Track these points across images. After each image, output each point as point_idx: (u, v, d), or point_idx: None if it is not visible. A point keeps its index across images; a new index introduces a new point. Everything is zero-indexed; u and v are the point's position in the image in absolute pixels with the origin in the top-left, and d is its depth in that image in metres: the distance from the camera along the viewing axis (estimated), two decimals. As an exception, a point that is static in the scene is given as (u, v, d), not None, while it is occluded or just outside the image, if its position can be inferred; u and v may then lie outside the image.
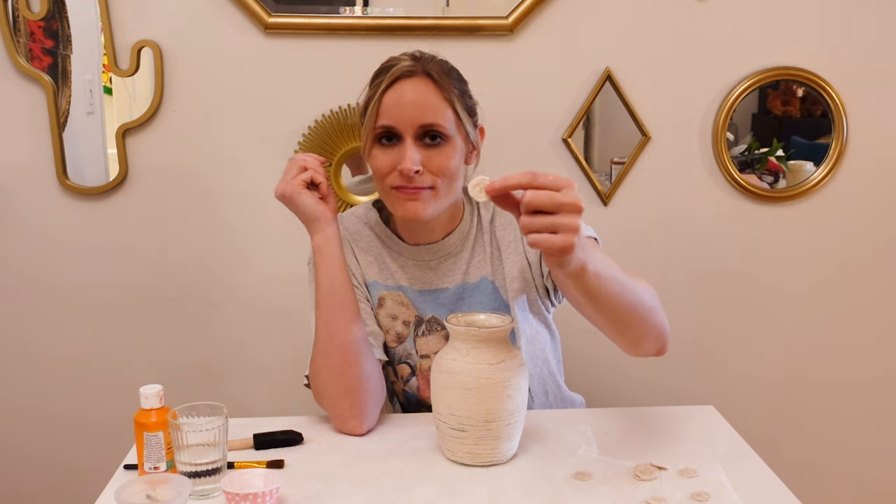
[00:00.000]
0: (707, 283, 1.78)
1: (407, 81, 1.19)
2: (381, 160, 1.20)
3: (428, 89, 1.20)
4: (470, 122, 1.25)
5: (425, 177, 1.19)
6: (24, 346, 1.73)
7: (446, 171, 1.20)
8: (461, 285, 1.30)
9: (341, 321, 1.20)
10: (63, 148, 1.64)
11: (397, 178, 1.19)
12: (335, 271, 1.21)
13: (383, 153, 1.20)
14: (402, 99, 1.18)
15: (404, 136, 1.19)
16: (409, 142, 1.18)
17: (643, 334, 1.14)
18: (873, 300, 1.80)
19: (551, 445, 1.18)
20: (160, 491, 0.94)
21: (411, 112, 1.18)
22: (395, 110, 1.18)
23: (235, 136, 1.67)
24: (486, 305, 1.28)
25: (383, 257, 1.32)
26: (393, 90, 1.19)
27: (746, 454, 1.17)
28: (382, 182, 1.22)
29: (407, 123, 1.18)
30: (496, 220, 1.31)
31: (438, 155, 1.20)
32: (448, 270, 1.30)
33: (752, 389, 1.82)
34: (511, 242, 1.29)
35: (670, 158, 1.72)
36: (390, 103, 1.19)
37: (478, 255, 1.30)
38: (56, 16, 1.62)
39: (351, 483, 1.07)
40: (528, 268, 1.29)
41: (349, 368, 1.20)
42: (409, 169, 1.17)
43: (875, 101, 1.71)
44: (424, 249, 1.30)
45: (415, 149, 1.18)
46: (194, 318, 1.74)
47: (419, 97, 1.19)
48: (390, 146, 1.20)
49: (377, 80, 1.21)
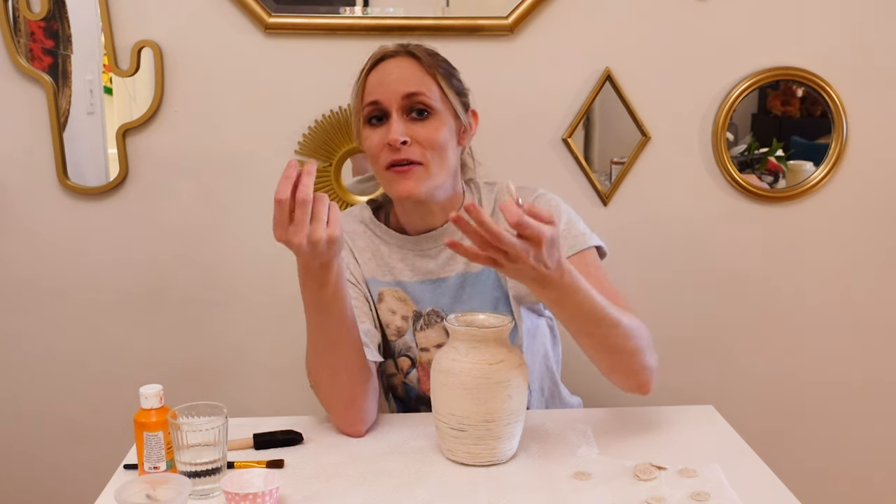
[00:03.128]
0: (707, 282, 1.78)
1: (391, 61, 1.24)
2: (372, 139, 1.23)
3: (411, 65, 1.24)
4: (458, 100, 1.26)
5: (413, 148, 1.20)
6: (23, 346, 1.73)
7: (434, 144, 1.21)
8: (463, 274, 1.30)
9: (349, 342, 1.18)
10: (63, 148, 1.64)
11: (388, 153, 1.21)
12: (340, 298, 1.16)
13: (373, 132, 1.23)
14: (386, 76, 1.22)
15: (390, 110, 1.21)
16: (395, 116, 1.21)
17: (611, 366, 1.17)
18: (873, 300, 1.80)
19: (551, 445, 1.18)
20: (160, 491, 0.94)
21: (394, 84, 1.21)
22: (379, 87, 1.22)
23: (235, 136, 1.67)
24: (488, 295, 1.29)
25: (381, 253, 1.32)
26: (377, 70, 1.24)
27: (746, 454, 1.17)
28: (377, 163, 1.24)
29: (391, 97, 1.21)
30: (497, 210, 1.31)
31: (425, 127, 1.21)
32: (449, 259, 1.31)
33: (752, 389, 1.82)
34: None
35: (670, 158, 1.72)
36: (375, 82, 1.23)
37: None
38: (56, 16, 1.62)
39: (351, 483, 1.08)
40: None
41: (353, 381, 1.19)
42: (396, 140, 1.19)
43: (875, 101, 1.71)
44: (424, 238, 1.30)
45: (400, 122, 1.21)
46: (194, 317, 1.74)
47: (402, 72, 1.23)
48: (379, 125, 1.23)
49: (364, 68, 1.25)
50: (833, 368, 1.83)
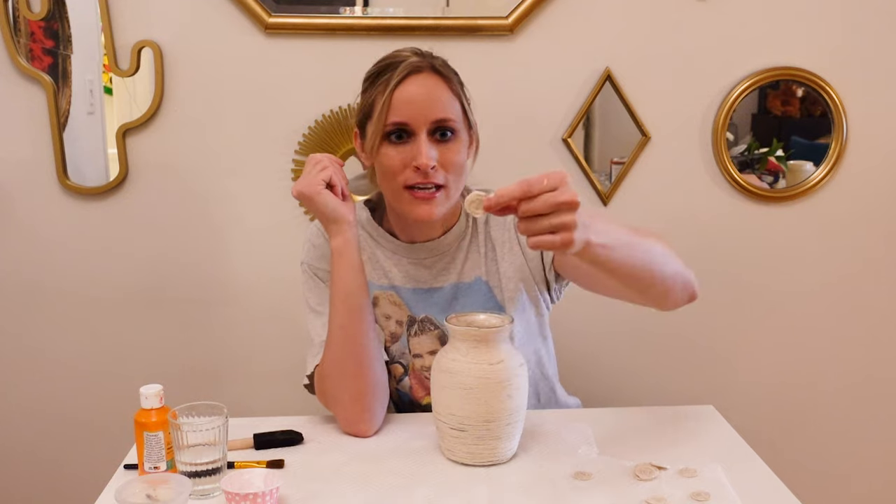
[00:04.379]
0: (707, 282, 1.77)
1: (417, 77, 1.19)
2: (394, 158, 1.19)
3: (437, 84, 1.20)
4: (471, 115, 1.25)
5: (438, 172, 1.19)
6: (23, 346, 1.73)
7: (455, 167, 1.20)
8: (455, 284, 1.29)
9: (357, 325, 1.19)
10: (63, 148, 1.64)
11: (412, 175, 1.18)
12: (354, 274, 1.20)
13: (395, 151, 1.19)
14: (415, 95, 1.18)
15: (417, 132, 1.18)
16: (424, 137, 1.18)
17: (667, 287, 1.16)
18: (873, 300, 1.80)
19: (551, 445, 1.18)
20: (160, 491, 0.94)
21: (424, 108, 1.18)
22: (408, 107, 1.18)
23: (235, 136, 1.67)
24: (480, 306, 1.27)
25: (376, 256, 1.31)
26: (403, 86, 1.18)
27: (746, 454, 1.17)
28: (393, 181, 1.20)
29: (420, 119, 1.18)
30: (490, 219, 1.30)
31: (449, 150, 1.20)
32: (443, 269, 1.30)
33: (752, 389, 1.82)
34: (506, 242, 1.29)
35: (670, 158, 1.72)
36: (403, 99, 1.18)
37: (473, 255, 1.30)
38: (56, 16, 1.62)
39: (351, 483, 1.07)
40: (525, 264, 1.28)
41: (362, 372, 1.19)
42: (426, 164, 1.16)
43: (875, 101, 1.71)
44: (420, 247, 1.29)
45: (428, 144, 1.18)
46: (195, 317, 1.74)
47: (431, 92, 1.19)
48: (401, 143, 1.19)
49: (383, 78, 1.20)
50: (833, 368, 1.83)
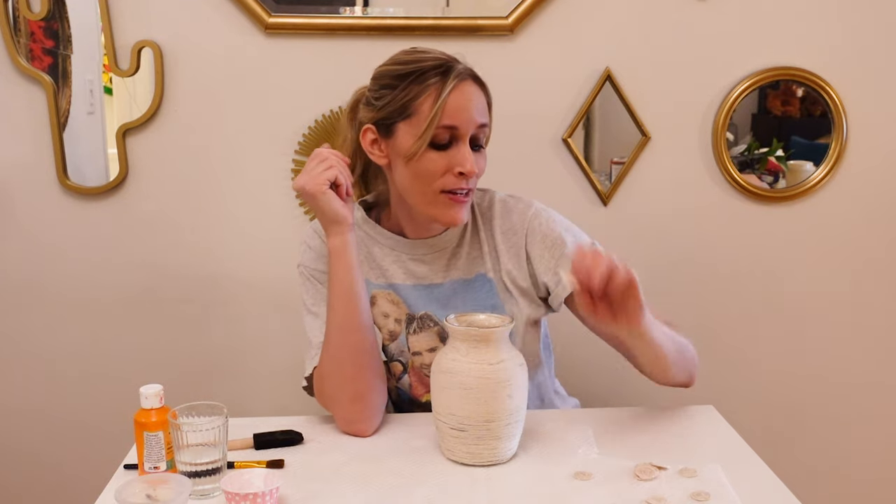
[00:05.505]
0: (706, 282, 1.78)
1: (465, 85, 1.21)
2: (437, 163, 1.20)
3: (479, 93, 1.23)
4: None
5: (472, 178, 1.22)
6: (23, 346, 1.73)
7: (482, 173, 1.25)
8: (455, 281, 1.29)
9: (355, 326, 1.20)
10: (63, 148, 1.64)
11: (452, 180, 1.20)
12: (352, 275, 1.20)
13: (439, 156, 1.20)
14: (467, 103, 1.20)
15: (463, 137, 1.20)
16: (467, 145, 1.21)
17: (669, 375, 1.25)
18: (873, 300, 1.80)
19: (551, 445, 1.18)
20: (160, 491, 0.94)
21: (473, 114, 1.20)
22: (459, 113, 1.19)
23: (235, 136, 1.67)
24: (480, 303, 1.28)
25: (373, 255, 1.31)
26: (457, 93, 1.19)
27: (746, 454, 1.17)
28: (431, 184, 1.20)
29: (469, 125, 1.20)
30: (496, 221, 1.31)
31: (480, 158, 1.24)
32: (443, 266, 1.30)
33: (752, 389, 1.82)
34: (512, 247, 1.30)
35: (670, 158, 1.72)
36: (456, 106, 1.19)
37: (474, 251, 1.30)
38: (56, 16, 1.62)
39: (351, 483, 1.07)
40: (529, 278, 1.30)
41: (361, 373, 1.20)
42: (473, 171, 1.20)
43: (875, 101, 1.71)
44: (421, 244, 1.30)
45: (470, 151, 1.21)
46: (194, 317, 1.74)
47: (477, 100, 1.22)
48: (442, 149, 1.20)
49: (430, 81, 1.19)
50: (833, 368, 1.83)
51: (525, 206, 1.31)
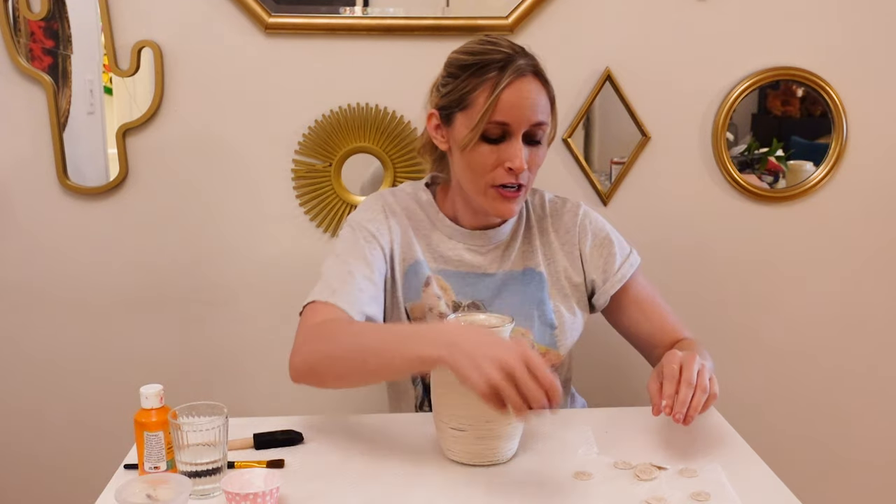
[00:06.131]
0: (706, 282, 1.78)
1: (524, 81, 1.21)
2: (488, 157, 1.22)
3: (539, 91, 1.23)
4: (556, 113, 1.29)
5: (524, 173, 1.23)
6: (23, 346, 1.73)
7: (537, 168, 1.26)
8: (508, 272, 1.33)
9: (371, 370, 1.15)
10: (63, 148, 1.64)
11: (502, 175, 1.22)
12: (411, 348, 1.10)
13: (490, 150, 1.22)
14: (522, 100, 1.20)
15: (515, 134, 1.21)
16: (520, 141, 1.21)
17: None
18: (873, 300, 1.80)
19: (551, 445, 1.18)
20: (160, 491, 0.94)
21: (528, 111, 1.21)
22: (512, 110, 1.20)
23: (236, 136, 1.67)
24: (529, 296, 1.32)
25: (431, 239, 1.33)
26: (512, 89, 1.20)
27: (746, 454, 1.17)
28: (482, 178, 1.23)
29: (522, 122, 1.21)
30: (548, 220, 1.36)
31: (536, 154, 1.24)
32: (497, 257, 1.33)
33: (752, 389, 1.82)
34: (566, 244, 1.35)
35: (670, 158, 1.72)
36: (509, 102, 1.20)
37: (525, 245, 1.35)
38: (56, 16, 1.62)
39: (351, 483, 1.08)
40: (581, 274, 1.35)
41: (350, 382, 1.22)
42: (522, 167, 1.20)
43: (875, 101, 1.71)
44: (479, 235, 1.32)
45: (523, 147, 1.21)
46: (194, 317, 1.74)
47: (534, 98, 1.22)
48: (494, 143, 1.21)
49: (489, 74, 1.20)
50: (833, 368, 1.83)
51: (575, 206, 1.37)
